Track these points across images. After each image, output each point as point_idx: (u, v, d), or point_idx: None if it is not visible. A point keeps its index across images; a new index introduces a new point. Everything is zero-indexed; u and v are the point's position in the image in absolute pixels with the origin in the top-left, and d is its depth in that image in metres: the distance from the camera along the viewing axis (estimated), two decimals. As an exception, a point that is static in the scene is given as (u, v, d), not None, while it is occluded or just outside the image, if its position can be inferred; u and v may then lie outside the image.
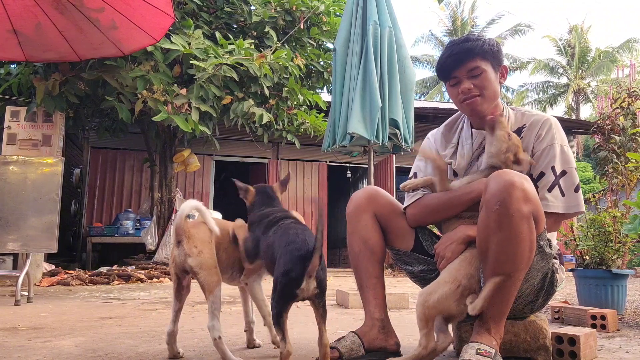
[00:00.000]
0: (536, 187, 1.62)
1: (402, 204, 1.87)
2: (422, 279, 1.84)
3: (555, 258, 1.67)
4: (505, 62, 1.80)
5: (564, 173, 1.64)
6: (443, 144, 1.91)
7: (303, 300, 1.49)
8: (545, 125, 1.71)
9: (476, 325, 1.53)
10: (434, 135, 1.97)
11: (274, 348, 1.93)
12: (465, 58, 1.69)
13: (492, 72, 1.72)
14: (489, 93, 1.72)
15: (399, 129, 3.49)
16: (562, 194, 1.62)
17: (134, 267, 5.97)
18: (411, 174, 1.92)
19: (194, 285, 1.79)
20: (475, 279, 1.56)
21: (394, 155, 8.72)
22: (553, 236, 1.71)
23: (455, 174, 1.83)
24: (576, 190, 1.64)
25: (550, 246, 1.56)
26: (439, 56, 1.80)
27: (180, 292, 1.80)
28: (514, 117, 1.78)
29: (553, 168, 1.64)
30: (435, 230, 1.89)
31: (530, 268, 1.50)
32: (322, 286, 1.50)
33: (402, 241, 1.84)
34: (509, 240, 1.42)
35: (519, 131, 1.74)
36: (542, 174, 1.65)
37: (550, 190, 1.62)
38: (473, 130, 1.82)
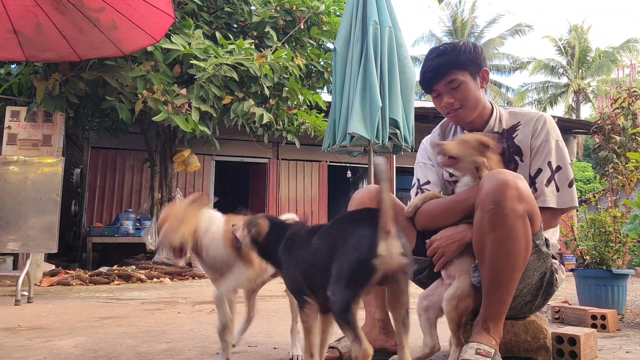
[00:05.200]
0: (534, 183, 1.64)
1: (405, 205, 1.86)
2: (416, 280, 1.84)
3: (554, 258, 1.67)
4: (487, 65, 1.79)
5: (559, 168, 1.66)
6: None
7: None
8: (540, 121, 1.72)
9: (475, 325, 1.53)
10: (429, 140, 1.97)
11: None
12: (442, 72, 1.70)
13: (471, 81, 1.72)
14: (470, 103, 1.73)
15: (399, 129, 3.49)
16: (557, 189, 1.64)
17: (134, 267, 5.96)
18: (414, 181, 1.93)
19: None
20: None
21: (394, 155, 8.71)
22: (554, 235, 1.71)
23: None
24: (570, 185, 1.66)
25: (547, 245, 1.56)
26: (421, 67, 1.80)
27: None
28: (507, 116, 1.79)
29: (549, 163, 1.66)
30: None
31: (526, 267, 1.50)
32: None
33: None
34: (504, 239, 1.42)
35: (513, 129, 1.76)
36: (539, 170, 1.67)
37: (547, 185, 1.64)
38: (465, 131, 1.84)
